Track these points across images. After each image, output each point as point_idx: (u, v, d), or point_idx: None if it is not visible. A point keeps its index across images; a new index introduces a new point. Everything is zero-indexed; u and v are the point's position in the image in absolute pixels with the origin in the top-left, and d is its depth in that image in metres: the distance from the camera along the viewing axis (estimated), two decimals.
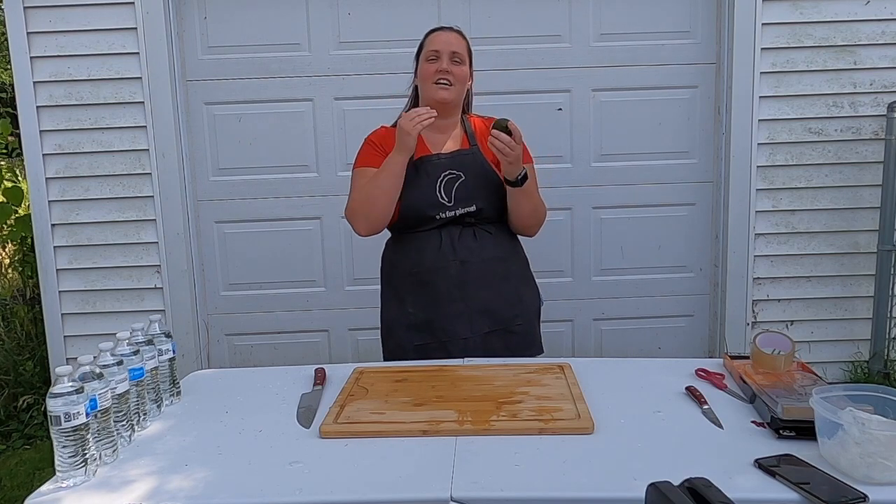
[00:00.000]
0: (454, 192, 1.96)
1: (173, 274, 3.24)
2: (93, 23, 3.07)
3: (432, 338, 1.97)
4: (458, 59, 1.98)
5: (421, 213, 1.97)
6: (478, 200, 1.97)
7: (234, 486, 1.26)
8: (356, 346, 3.41)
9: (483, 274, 1.95)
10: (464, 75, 2.00)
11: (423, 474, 1.27)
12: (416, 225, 1.99)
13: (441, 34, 2.01)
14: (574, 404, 1.51)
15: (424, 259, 1.97)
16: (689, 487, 0.96)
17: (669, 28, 3.22)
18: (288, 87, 3.24)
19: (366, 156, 2.03)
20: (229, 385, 1.78)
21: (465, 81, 2.02)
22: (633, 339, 3.41)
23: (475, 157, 2.00)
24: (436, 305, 1.96)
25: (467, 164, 1.98)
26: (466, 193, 1.96)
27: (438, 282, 1.96)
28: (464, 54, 2.00)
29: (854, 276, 3.26)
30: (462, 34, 2.04)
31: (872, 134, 3.16)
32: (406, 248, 2.02)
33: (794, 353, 1.66)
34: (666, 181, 3.32)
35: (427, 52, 2.00)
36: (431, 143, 2.03)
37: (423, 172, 1.97)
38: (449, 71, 1.96)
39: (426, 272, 1.97)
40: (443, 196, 1.96)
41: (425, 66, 2.00)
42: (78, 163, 3.17)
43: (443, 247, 1.96)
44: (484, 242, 1.98)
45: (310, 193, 3.31)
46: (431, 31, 2.05)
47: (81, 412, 1.25)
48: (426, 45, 2.02)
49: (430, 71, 1.98)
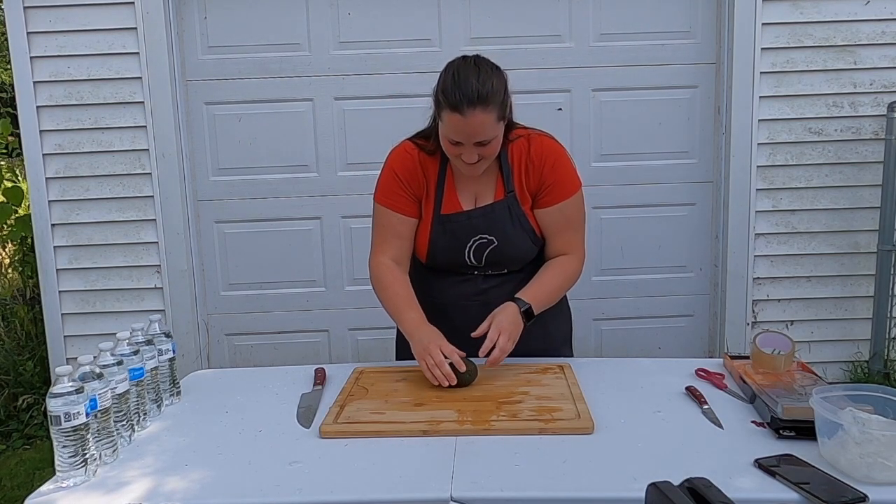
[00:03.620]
0: (485, 256, 1.79)
1: (173, 274, 3.24)
2: (93, 23, 3.07)
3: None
4: (486, 142, 1.64)
5: (445, 267, 1.83)
6: (510, 264, 1.81)
7: (233, 487, 1.26)
8: (356, 346, 3.41)
9: None
10: (494, 150, 1.69)
11: (423, 474, 1.27)
12: (441, 270, 1.85)
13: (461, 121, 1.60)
14: (574, 404, 1.51)
15: (444, 294, 1.84)
16: (689, 487, 0.96)
17: (669, 28, 3.22)
18: (288, 87, 3.24)
19: (387, 192, 1.79)
20: (229, 385, 1.77)
21: (496, 150, 1.70)
22: (633, 339, 3.41)
23: (511, 212, 1.76)
24: (454, 334, 1.71)
25: (501, 224, 1.76)
26: (498, 258, 1.79)
27: (458, 315, 1.81)
28: (493, 131, 1.63)
29: (854, 276, 3.26)
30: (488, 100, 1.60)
31: (872, 134, 3.15)
32: (429, 277, 1.87)
33: (794, 353, 1.66)
34: (666, 181, 3.31)
35: (445, 133, 1.65)
36: (461, 190, 1.78)
37: (450, 232, 1.77)
38: (476, 160, 1.66)
39: (446, 305, 1.84)
40: (472, 260, 1.79)
41: (445, 143, 1.67)
42: (78, 163, 3.17)
43: (467, 289, 1.83)
44: (510, 286, 1.79)
45: (310, 193, 3.31)
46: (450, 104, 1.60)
47: (81, 412, 1.25)
48: (444, 121, 1.64)
49: (452, 153, 1.68)
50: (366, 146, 3.26)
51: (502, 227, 1.76)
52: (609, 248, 3.35)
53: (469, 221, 1.77)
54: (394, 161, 1.81)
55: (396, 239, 1.80)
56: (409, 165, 1.79)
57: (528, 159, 1.76)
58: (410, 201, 1.78)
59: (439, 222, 1.78)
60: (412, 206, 1.79)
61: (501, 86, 1.64)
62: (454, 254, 1.79)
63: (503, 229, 1.76)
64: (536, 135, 1.79)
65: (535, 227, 1.80)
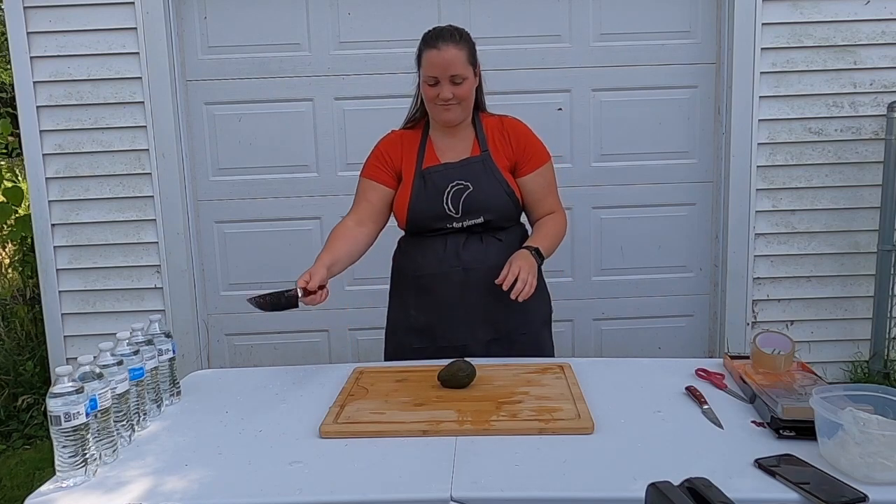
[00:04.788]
0: (461, 203, 1.93)
1: (173, 274, 3.24)
2: (93, 23, 3.07)
3: (432, 342, 1.96)
4: (459, 79, 1.88)
5: (427, 225, 1.96)
6: (486, 212, 1.94)
7: (234, 486, 1.26)
8: (356, 346, 3.41)
9: (487, 282, 1.88)
10: (467, 91, 1.91)
11: (423, 474, 1.27)
12: (422, 232, 1.99)
13: (436, 56, 1.87)
14: (574, 404, 1.51)
15: (428, 265, 1.97)
16: (689, 487, 0.96)
17: (669, 28, 3.22)
18: (288, 87, 3.24)
19: (370, 167, 2.05)
20: (229, 385, 1.78)
21: (469, 95, 1.93)
22: (633, 339, 3.41)
23: (485, 165, 1.96)
24: (437, 311, 1.95)
25: (476, 173, 1.95)
26: (474, 205, 1.93)
27: (440, 288, 1.95)
28: (464, 69, 1.89)
29: (854, 276, 3.26)
30: (460, 41, 1.90)
31: (872, 134, 3.15)
32: (412, 251, 2.02)
33: (794, 353, 1.66)
34: (666, 181, 3.31)
35: (425, 76, 1.91)
36: (440, 150, 1.99)
37: (430, 183, 1.95)
38: (451, 96, 1.89)
39: (429, 277, 1.97)
40: (450, 208, 1.93)
41: (426, 87, 1.93)
42: (78, 163, 3.17)
43: (447, 253, 1.95)
44: (490, 250, 1.95)
45: (310, 193, 3.31)
46: (427, 45, 1.90)
47: (81, 412, 1.25)
48: (424, 64, 1.91)
49: (431, 95, 1.91)
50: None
51: (477, 176, 1.95)
52: (609, 248, 3.35)
53: (446, 171, 1.97)
54: (379, 142, 2.10)
55: (364, 202, 2.02)
56: (392, 139, 2.07)
57: (502, 131, 2.00)
58: (384, 172, 2.02)
59: (420, 176, 1.97)
60: (385, 176, 2.02)
61: (471, 41, 1.94)
62: (433, 203, 1.95)
63: (477, 178, 1.95)
64: (507, 116, 2.05)
65: (507, 180, 1.97)
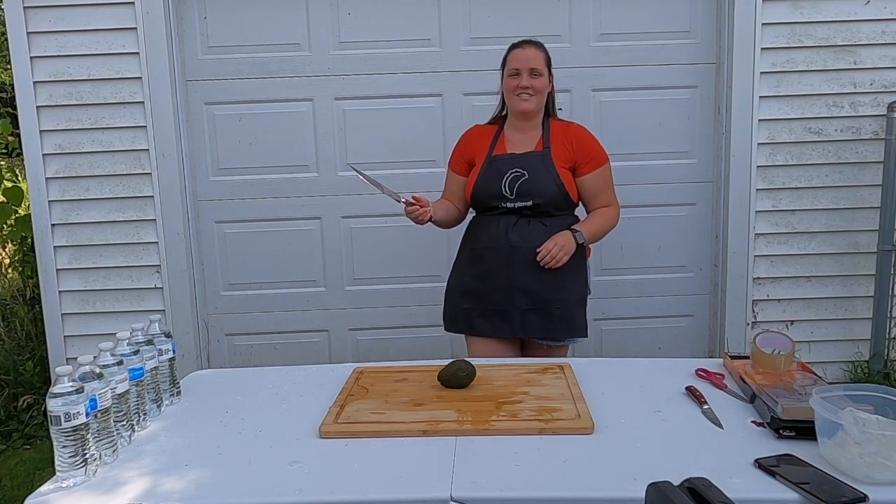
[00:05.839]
0: (516, 187, 2.27)
1: (173, 274, 3.24)
2: (93, 23, 3.07)
3: (478, 305, 2.32)
4: (537, 73, 2.28)
5: (485, 203, 2.33)
6: (535, 197, 2.27)
7: (233, 487, 1.26)
8: (356, 346, 3.41)
9: (529, 258, 2.24)
10: (543, 86, 2.30)
11: (423, 474, 1.27)
12: (483, 210, 2.36)
13: (520, 52, 2.30)
14: (574, 404, 1.51)
15: (482, 239, 2.35)
16: (689, 487, 0.96)
17: (669, 28, 3.22)
18: (288, 87, 3.24)
19: (453, 160, 2.46)
20: (229, 385, 1.78)
21: (544, 91, 2.31)
22: (633, 339, 3.41)
23: (543, 160, 2.30)
24: (485, 278, 2.32)
25: (534, 165, 2.29)
26: (526, 190, 2.27)
27: (489, 259, 2.31)
28: (542, 67, 2.29)
29: (854, 276, 3.26)
30: (540, 46, 2.33)
31: (872, 134, 3.15)
32: (474, 227, 2.41)
33: (794, 353, 1.66)
34: (666, 181, 3.31)
35: (509, 69, 2.31)
36: (510, 143, 2.36)
37: (494, 167, 2.31)
38: (528, 86, 2.26)
39: (482, 250, 2.34)
40: (506, 190, 2.28)
41: (508, 80, 2.31)
42: (78, 163, 3.17)
43: (499, 231, 2.30)
44: (535, 232, 2.28)
45: (310, 193, 3.31)
46: (513, 47, 2.34)
47: (81, 412, 1.25)
48: (508, 62, 2.32)
49: (511, 85, 2.29)
50: (366, 146, 3.26)
51: (534, 167, 2.29)
52: (609, 248, 3.34)
53: (510, 160, 2.32)
54: (463, 134, 2.48)
55: (448, 188, 2.49)
56: (473, 133, 2.46)
57: (566, 134, 2.35)
58: (461, 164, 2.42)
59: (489, 162, 2.34)
60: (462, 167, 2.42)
61: (548, 53, 2.35)
62: (494, 182, 2.29)
63: (534, 168, 2.29)
64: (573, 123, 2.43)
65: (560, 174, 2.29)
